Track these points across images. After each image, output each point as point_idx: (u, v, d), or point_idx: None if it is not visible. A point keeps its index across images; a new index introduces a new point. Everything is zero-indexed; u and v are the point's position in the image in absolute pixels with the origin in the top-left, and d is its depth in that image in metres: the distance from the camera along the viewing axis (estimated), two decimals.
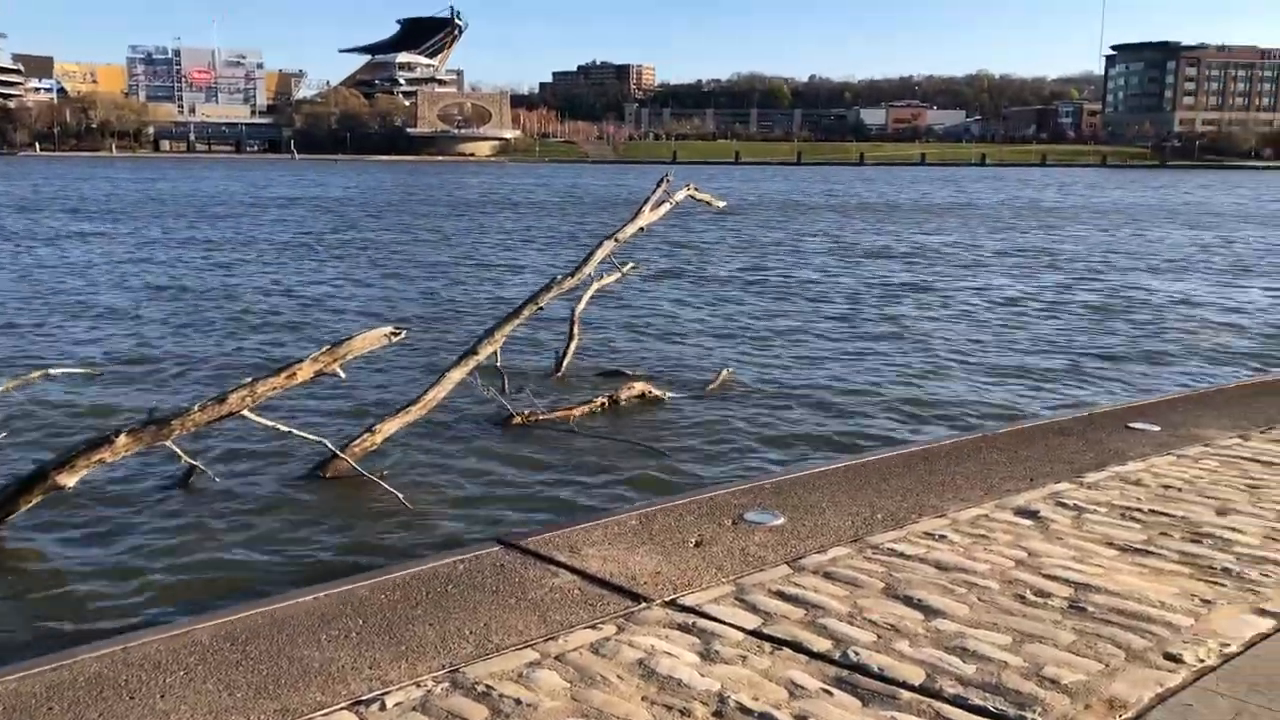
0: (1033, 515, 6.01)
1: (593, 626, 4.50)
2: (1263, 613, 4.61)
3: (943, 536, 5.65)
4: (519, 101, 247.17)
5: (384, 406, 10.71)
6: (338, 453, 8.88)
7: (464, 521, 8.04)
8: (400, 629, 4.51)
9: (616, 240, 12.34)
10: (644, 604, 4.75)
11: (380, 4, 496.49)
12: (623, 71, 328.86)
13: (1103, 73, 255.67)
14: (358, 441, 9.20)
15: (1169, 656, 4.16)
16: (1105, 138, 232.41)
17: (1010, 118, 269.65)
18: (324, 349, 8.51)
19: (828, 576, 5.07)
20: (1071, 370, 14.60)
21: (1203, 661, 4.13)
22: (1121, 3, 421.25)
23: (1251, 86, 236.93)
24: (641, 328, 17.62)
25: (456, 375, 10.24)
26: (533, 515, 8.06)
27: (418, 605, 4.77)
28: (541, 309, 11.53)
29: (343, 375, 8.64)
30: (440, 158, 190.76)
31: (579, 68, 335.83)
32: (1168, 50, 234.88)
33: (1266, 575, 5.05)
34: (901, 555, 5.38)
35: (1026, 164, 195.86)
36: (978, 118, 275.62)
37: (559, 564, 5.28)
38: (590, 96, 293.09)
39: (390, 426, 9.51)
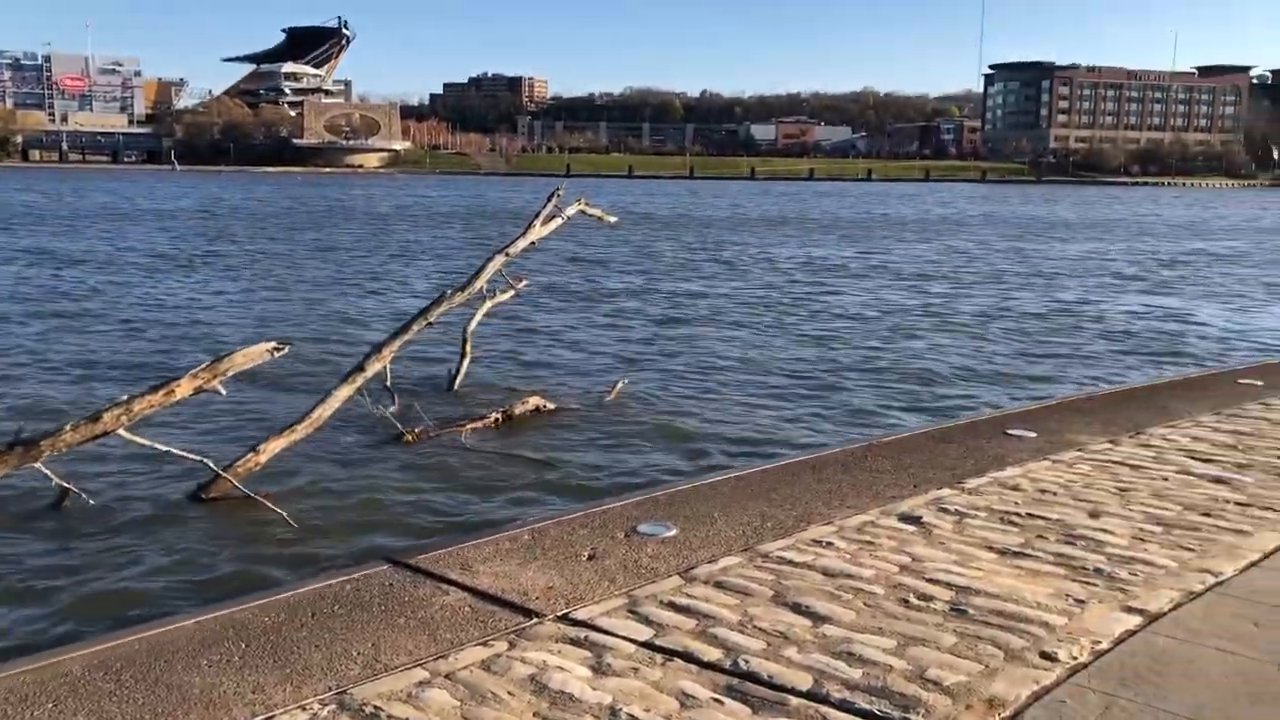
0: (916, 521, 6.17)
1: (484, 643, 4.45)
2: (1131, 610, 4.80)
3: (830, 544, 5.75)
4: (409, 113, 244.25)
5: (268, 425, 10.44)
6: (220, 473, 8.63)
7: (352, 541, 7.89)
8: (286, 652, 4.40)
9: (508, 254, 12.29)
10: (536, 619, 4.73)
11: (265, 13, 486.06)
12: (515, 84, 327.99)
13: (982, 91, 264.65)
14: (241, 461, 8.95)
15: (1045, 655, 4.31)
16: (985, 154, 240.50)
17: (895, 134, 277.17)
18: (204, 365, 8.27)
19: (719, 586, 5.12)
20: (955, 377, 15.06)
21: (1076, 659, 4.28)
22: (1000, 23, 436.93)
23: (1120, 106, 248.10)
24: (536, 342, 17.58)
25: (344, 392, 10.06)
26: (424, 533, 7.96)
27: (304, 627, 4.66)
28: (432, 324, 11.41)
29: (223, 392, 8.41)
30: (328, 169, 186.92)
31: (470, 79, 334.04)
32: (1042, 70, 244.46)
33: (1134, 574, 5.27)
34: (790, 563, 5.46)
35: (911, 179, 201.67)
36: (863, 134, 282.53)
37: (450, 581, 5.21)
38: (482, 108, 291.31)
39: (275, 445, 9.28)
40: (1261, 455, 7.65)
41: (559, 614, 4.78)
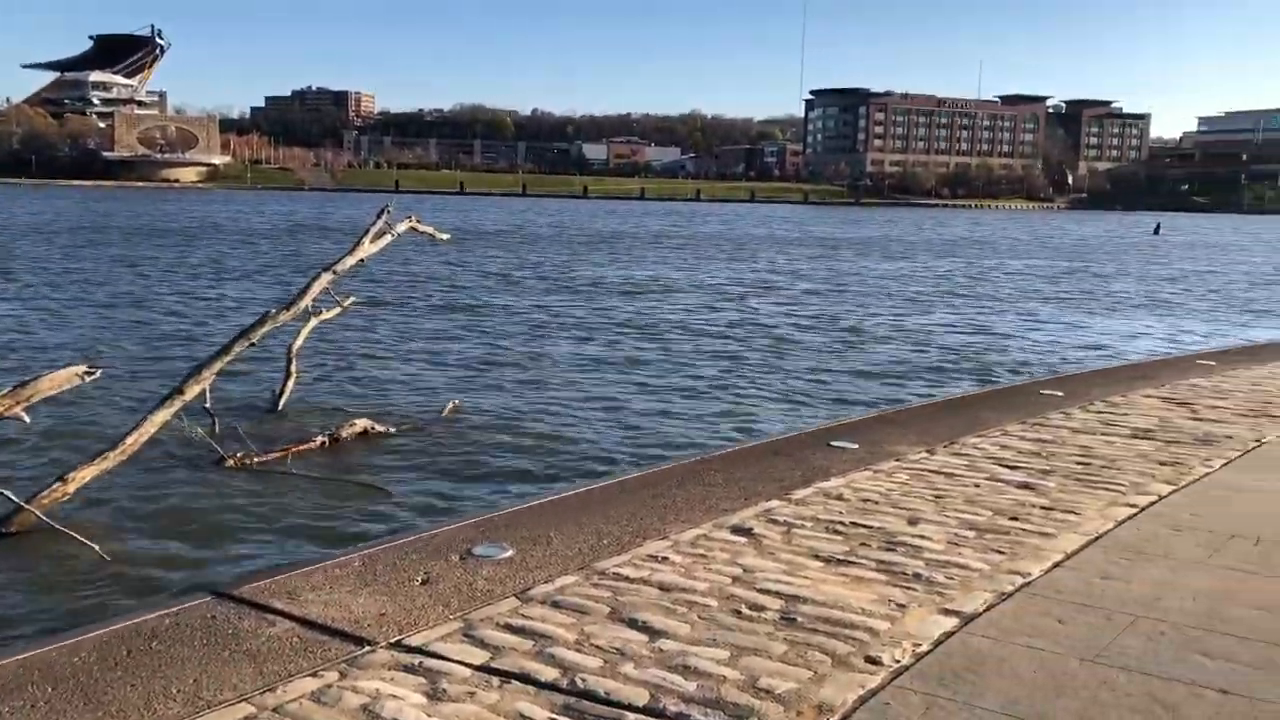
0: (747, 532, 6.32)
1: (314, 674, 4.32)
2: (948, 612, 5.04)
3: (665, 558, 5.83)
4: (229, 126, 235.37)
5: (78, 453, 9.84)
6: (22, 504, 8.09)
7: (171, 573, 7.52)
8: (98, 693, 4.15)
9: (335, 272, 11.99)
10: (368, 647, 4.62)
11: (71, 18, 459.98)
12: (341, 98, 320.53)
13: (803, 116, 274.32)
14: (47, 492, 8.41)
15: (869, 659, 4.48)
16: (807, 176, 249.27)
17: (721, 156, 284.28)
18: (6, 390, 7.74)
19: (555, 605, 5.12)
20: (784, 392, 15.51)
21: (899, 662, 4.47)
22: (819, 50, 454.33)
23: (931, 131, 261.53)
24: (367, 362, 17.17)
25: (160, 417, 9.58)
26: (248, 562, 7.66)
27: (118, 666, 4.41)
28: (254, 345, 11.00)
29: (27, 419, 7.90)
30: (141, 184, 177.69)
31: (294, 93, 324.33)
32: (858, 96, 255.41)
33: (950, 578, 5.54)
34: (626, 579, 5.50)
35: (737, 199, 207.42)
36: (692, 155, 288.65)
37: (276, 612, 5.03)
38: (307, 123, 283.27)
39: (85, 474, 8.76)
40: (1062, 461, 8.16)
41: (392, 641, 4.68)
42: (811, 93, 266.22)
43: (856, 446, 8.71)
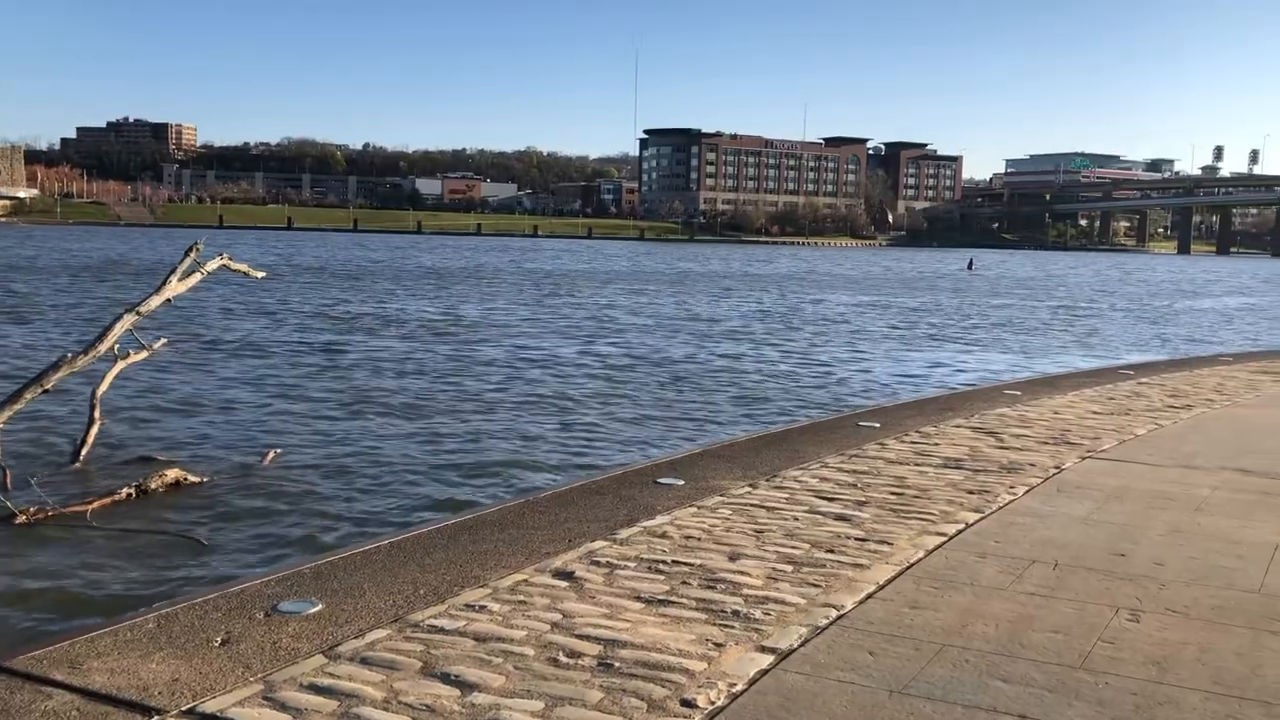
0: (569, 576, 6.23)
1: None
2: (764, 650, 5.07)
3: (483, 607, 5.68)
4: (36, 158, 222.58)
5: None
6: None
7: None
8: None
9: (139, 313, 11.37)
10: (157, 717, 4.30)
11: None
12: (160, 130, 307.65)
13: (638, 154, 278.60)
14: None
15: (685, 703, 4.45)
16: (643, 213, 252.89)
17: (558, 193, 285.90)
18: None
19: (364, 662, 4.90)
20: (612, 429, 15.51)
21: (714, 704, 4.45)
22: (653, 91, 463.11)
23: (760, 171, 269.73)
24: (180, 407, 16.31)
25: None
26: (31, 629, 7.09)
27: None
28: (49, 391, 10.30)
29: None
30: None
31: (109, 124, 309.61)
32: (690, 136, 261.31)
33: (768, 614, 5.58)
34: (441, 630, 5.33)
35: (575, 236, 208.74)
36: (529, 191, 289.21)
37: (55, 683, 4.64)
38: (123, 155, 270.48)
39: None
40: (877, 492, 8.40)
41: (184, 708, 4.38)
42: (645, 132, 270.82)
43: (683, 483, 8.75)
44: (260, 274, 13.84)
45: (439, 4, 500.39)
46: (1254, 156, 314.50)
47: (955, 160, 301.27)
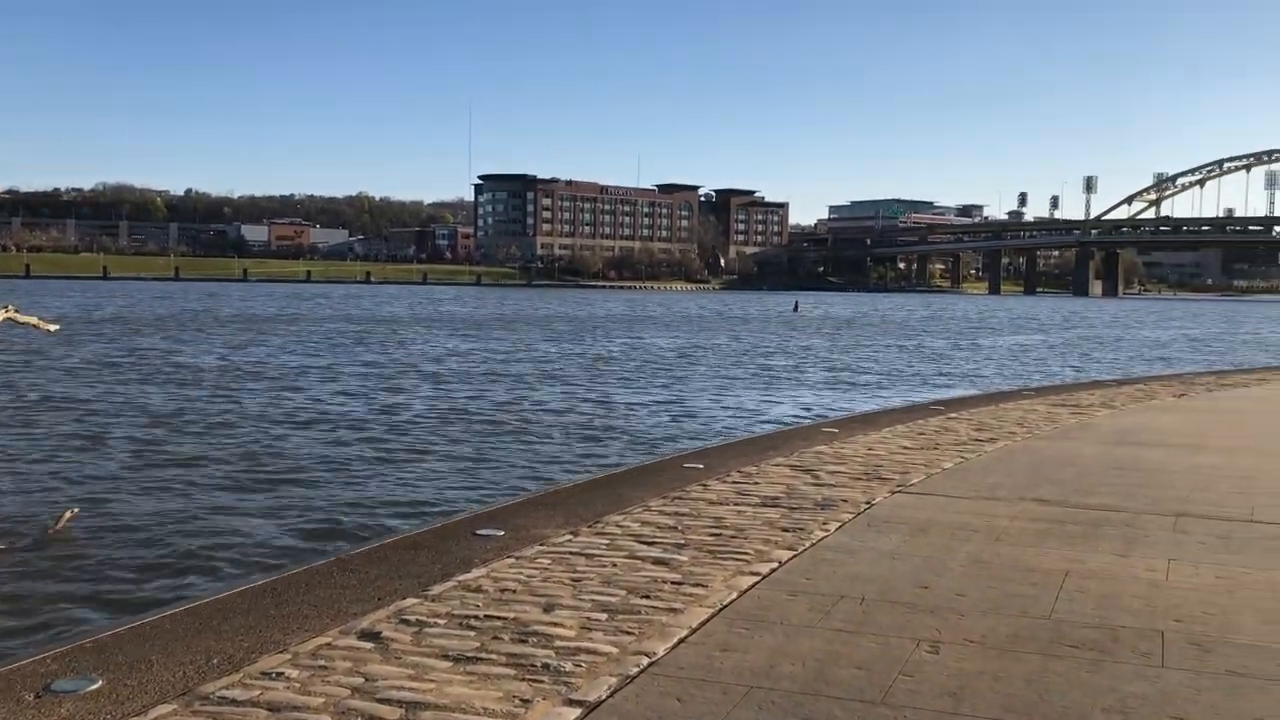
0: (375, 637, 5.99)
1: None
2: (572, 703, 4.97)
3: (280, 674, 5.40)
4: None
5: None
6: None
7: None
8: None
9: None
10: None
11: None
12: None
13: (473, 200, 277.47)
14: None
15: None
16: (479, 258, 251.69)
17: (392, 238, 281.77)
18: None
19: None
20: (432, 480, 15.17)
21: None
22: (488, 136, 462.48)
23: (596, 216, 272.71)
24: None
25: None
26: None
27: None
28: None
29: None
30: None
31: None
32: (525, 182, 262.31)
33: (579, 665, 5.49)
34: (234, 702, 5.03)
35: (410, 281, 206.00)
36: (361, 237, 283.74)
37: None
38: None
39: None
40: (696, 534, 8.44)
41: None
42: (480, 177, 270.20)
43: (503, 533, 8.59)
44: (53, 327, 13.00)
45: (263, 48, 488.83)
46: (1055, 202, 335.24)
47: (782, 207, 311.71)
